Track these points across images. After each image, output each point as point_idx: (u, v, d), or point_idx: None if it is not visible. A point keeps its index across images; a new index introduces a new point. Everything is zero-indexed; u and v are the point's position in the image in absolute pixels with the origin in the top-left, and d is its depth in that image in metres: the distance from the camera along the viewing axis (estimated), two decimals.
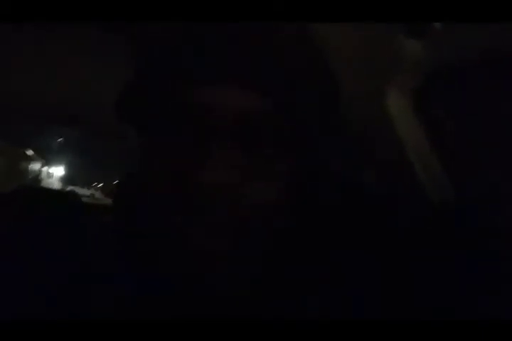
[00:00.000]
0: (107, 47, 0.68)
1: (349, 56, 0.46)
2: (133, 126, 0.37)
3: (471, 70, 0.61)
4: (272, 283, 0.35)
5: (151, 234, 0.35)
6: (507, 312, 0.35)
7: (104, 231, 0.42)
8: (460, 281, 0.41)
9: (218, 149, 0.31)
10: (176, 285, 0.33)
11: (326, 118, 0.36)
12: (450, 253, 0.49)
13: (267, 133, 0.33)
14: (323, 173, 0.40)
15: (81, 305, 0.33)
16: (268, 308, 0.34)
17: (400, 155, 0.67)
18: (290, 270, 0.37)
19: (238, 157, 0.31)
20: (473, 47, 0.56)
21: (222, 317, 0.32)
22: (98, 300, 0.33)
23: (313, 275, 0.37)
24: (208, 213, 0.31)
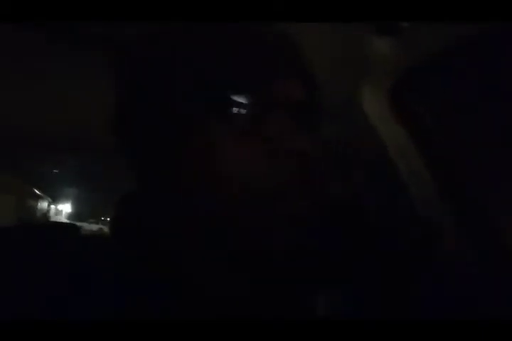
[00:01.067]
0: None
1: (323, 57, 0.48)
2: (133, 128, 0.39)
3: (444, 65, 0.62)
4: (272, 283, 0.36)
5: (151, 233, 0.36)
6: (506, 312, 0.35)
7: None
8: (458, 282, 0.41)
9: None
10: (175, 285, 0.34)
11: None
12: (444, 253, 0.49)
13: None
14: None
15: (81, 307, 0.33)
16: (268, 308, 0.34)
17: (381, 153, 0.67)
18: (290, 270, 0.37)
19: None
20: (446, 43, 0.57)
21: (222, 318, 0.32)
22: (98, 301, 0.34)
23: (313, 276, 0.37)
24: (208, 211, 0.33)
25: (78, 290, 0.37)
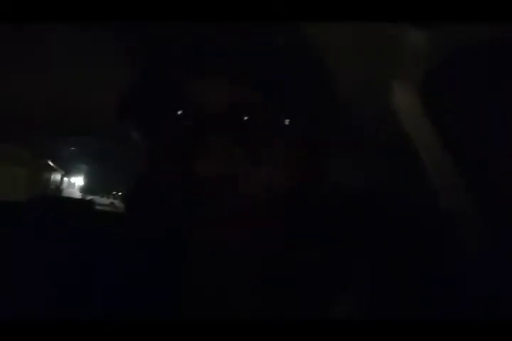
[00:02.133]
0: (114, 49, 0.68)
1: (350, 53, 0.46)
2: (134, 126, 0.38)
3: (475, 62, 0.60)
4: (274, 282, 0.36)
5: (159, 232, 0.36)
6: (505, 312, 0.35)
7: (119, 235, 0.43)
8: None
9: (213, 142, 0.32)
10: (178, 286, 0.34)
11: (321, 111, 0.37)
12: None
13: (258, 124, 0.34)
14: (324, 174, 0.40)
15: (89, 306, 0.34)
16: (268, 308, 0.34)
17: (409, 151, 0.67)
18: (292, 267, 0.37)
19: (232, 147, 0.32)
20: (477, 39, 0.55)
21: (223, 318, 0.32)
22: (106, 301, 0.34)
23: (314, 274, 0.37)
24: (215, 208, 0.32)
25: (87, 265, 0.37)
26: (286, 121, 0.34)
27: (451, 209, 0.62)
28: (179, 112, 0.34)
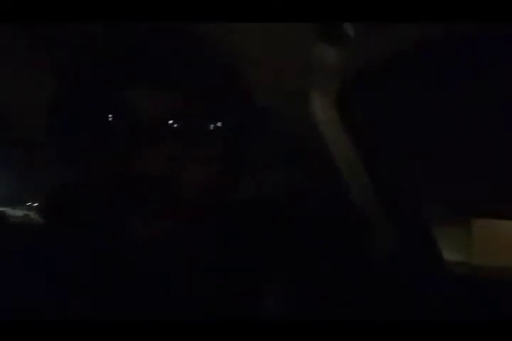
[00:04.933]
0: (31, 53, 0.64)
1: (268, 62, 0.48)
2: (65, 132, 0.38)
3: (392, 73, 0.64)
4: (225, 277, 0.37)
5: (97, 235, 0.37)
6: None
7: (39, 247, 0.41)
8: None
9: (149, 144, 0.34)
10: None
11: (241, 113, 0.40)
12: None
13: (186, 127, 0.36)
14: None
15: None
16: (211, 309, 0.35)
17: (326, 160, 0.70)
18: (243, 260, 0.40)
19: (165, 149, 0.34)
20: (393, 49, 0.59)
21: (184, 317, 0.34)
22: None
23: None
24: (154, 203, 0.34)
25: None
26: (216, 125, 0.37)
27: (366, 213, 0.67)
28: (113, 117, 0.36)
